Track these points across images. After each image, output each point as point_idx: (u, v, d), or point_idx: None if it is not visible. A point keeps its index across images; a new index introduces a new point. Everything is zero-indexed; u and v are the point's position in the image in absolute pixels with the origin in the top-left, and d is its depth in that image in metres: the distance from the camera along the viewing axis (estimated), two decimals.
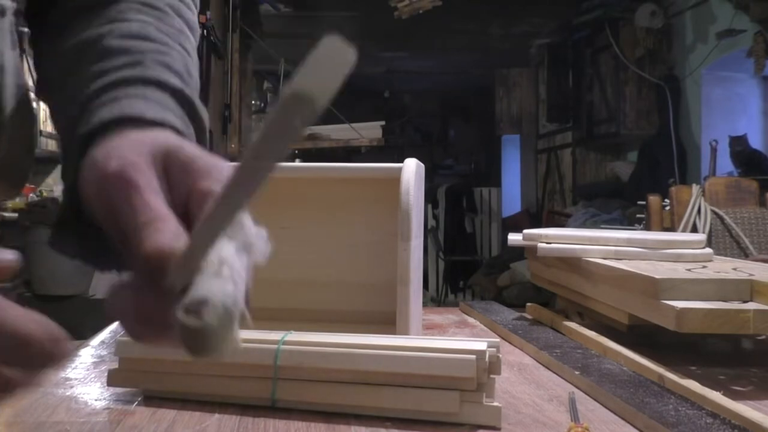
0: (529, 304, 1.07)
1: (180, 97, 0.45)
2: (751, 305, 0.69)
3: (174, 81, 0.46)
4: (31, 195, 4.64)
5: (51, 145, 5.08)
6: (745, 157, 3.85)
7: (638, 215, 3.09)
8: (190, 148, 0.38)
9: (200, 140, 0.47)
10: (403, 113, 8.41)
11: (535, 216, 6.52)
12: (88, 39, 0.49)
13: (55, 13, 0.54)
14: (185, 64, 0.49)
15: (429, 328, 0.99)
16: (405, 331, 0.73)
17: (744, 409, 0.56)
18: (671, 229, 2.39)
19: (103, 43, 0.47)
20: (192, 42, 0.54)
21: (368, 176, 0.83)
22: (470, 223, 7.06)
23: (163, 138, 0.38)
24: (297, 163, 0.97)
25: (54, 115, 0.50)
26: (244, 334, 0.30)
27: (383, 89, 8.32)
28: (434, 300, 6.64)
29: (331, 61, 0.22)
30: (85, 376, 0.70)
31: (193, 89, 0.48)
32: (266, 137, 0.23)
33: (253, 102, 5.15)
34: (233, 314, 0.29)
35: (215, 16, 3.68)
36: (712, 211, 2.35)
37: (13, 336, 0.29)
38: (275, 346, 0.58)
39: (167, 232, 0.32)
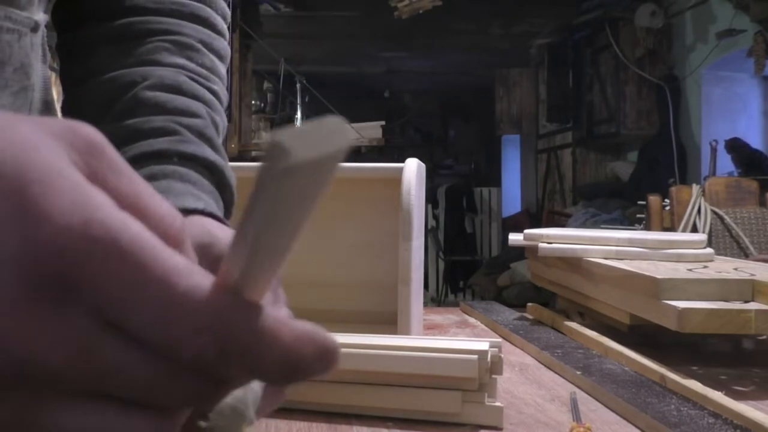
0: (529, 304, 1.07)
1: (212, 167, 0.48)
2: (753, 305, 0.69)
3: (208, 153, 0.48)
4: None
5: None
6: (745, 157, 3.85)
7: (638, 215, 3.08)
8: (225, 239, 0.38)
9: (228, 204, 0.49)
10: (403, 113, 8.41)
11: (535, 216, 6.52)
12: (120, 82, 0.50)
13: (83, 33, 0.54)
14: (214, 121, 0.51)
15: (430, 328, 0.99)
16: (406, 331, 0.72)
17: (746, 409, 0.56)
18: (671, 229, 2.39)
19: (136, 93, 0.49)
20: (222, 74, 0.56)
21: (369, 176, 0.83)
22: (470, 223, 7.06)
23: (199, 230, 0.39)
24: None
25: None
26: None
27: (383, 89, 8.32)
28: (434, 300, 6.64)
29: (326, 133, 0.19)
30: None
31: (222, 153, 0.50)
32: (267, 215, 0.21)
33: (253, 102, 5.15)
34: (242, 418, 0.28)
35: None
36: (712, 211, 2.35)
37: (283, 357, 0.22)
38: None
39: None
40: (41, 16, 0.52)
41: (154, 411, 0.23)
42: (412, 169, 0.76)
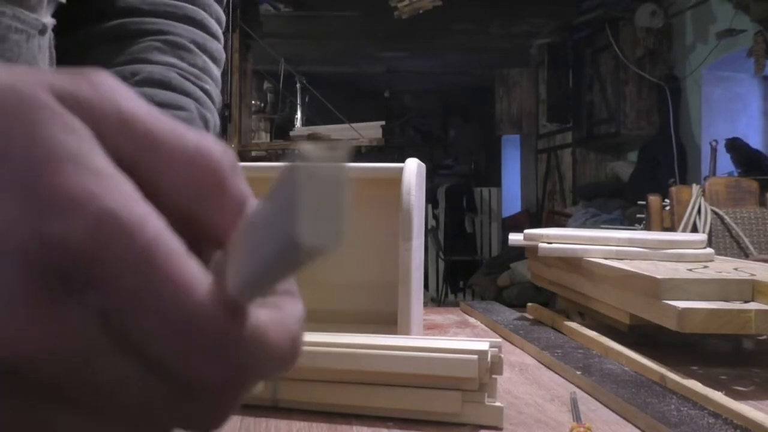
0: (529, 304, 1.07)
1: None
2: (753, 305, 0.69)
3: None
4: None
5: None
6: (744, 157, 3.85)
7: (638, 215, 3.08)
8: None
9: None
10: (403, 113, 8.41)
11: (535, 216, 6.52)
12: None
13: (78, 35, 0.55)
14: (203, 117, 0.52)
15: (430, 328, 0.99)
16: (406, 331, 0.72)
17: (746, 409, 0.56)
18: (671, 229, 2.39)
19: None
20: (215, 75, 0.56)
21: (369, 176, 0.83)
22: (470, 223, 7.06)
23: None
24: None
25: None
26: None
27: (383, 89, 8.32)
28: (434, 300, 6.64)
29: (324, 187, 0.17)
30: None
31: None
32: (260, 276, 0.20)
33: (253, 102, 5.15)
34: None
35: None
36: (712, 211, 2.35)
37: (266, 354, 0.22)
38: None
39: None
40: (49, 20, 0.52)
41: None
42: (412, 169, 0.76)
